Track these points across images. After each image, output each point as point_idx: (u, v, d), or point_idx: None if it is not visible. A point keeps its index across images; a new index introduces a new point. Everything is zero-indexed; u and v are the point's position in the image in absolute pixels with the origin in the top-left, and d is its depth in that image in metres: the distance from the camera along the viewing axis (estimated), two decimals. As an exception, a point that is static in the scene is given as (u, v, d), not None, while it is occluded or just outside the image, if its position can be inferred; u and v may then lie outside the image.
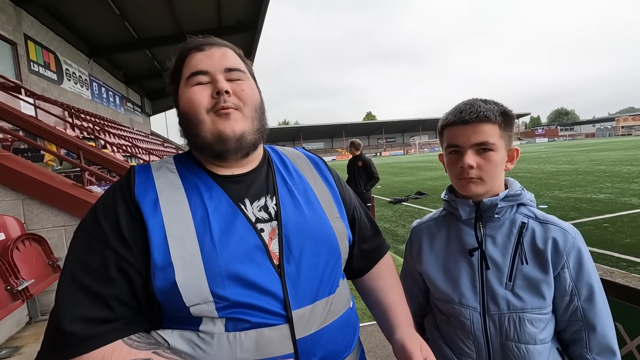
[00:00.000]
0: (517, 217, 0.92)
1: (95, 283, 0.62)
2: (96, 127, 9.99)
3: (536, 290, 0.86)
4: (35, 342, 2.64)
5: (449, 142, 0.93)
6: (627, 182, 9.83)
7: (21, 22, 10.56)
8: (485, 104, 0.90)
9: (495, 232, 0.92)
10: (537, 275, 0.86)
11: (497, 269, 0.89)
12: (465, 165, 0.88)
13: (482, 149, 0.88)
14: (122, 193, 0.69)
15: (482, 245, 0.92)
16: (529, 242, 0.89)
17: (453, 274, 0.95)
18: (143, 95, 23.25)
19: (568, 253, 0.86)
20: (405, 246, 1.14)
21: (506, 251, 0.90)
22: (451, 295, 0.94)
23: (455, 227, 0.98)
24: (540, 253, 0.87)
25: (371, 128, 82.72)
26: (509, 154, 0.93)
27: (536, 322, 0.86)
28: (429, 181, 14.58)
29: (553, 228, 0.88)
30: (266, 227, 0.72)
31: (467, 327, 0.91)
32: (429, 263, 1.00)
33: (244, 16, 14.07)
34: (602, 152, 23.52)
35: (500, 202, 0.89)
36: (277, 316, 0.66)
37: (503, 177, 0.95)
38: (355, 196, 0.99)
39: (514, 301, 0.86)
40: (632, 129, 79.69)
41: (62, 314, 0.59)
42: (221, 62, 0.74)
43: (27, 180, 3.19)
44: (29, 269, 2.71)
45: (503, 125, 0.89)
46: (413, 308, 1.12)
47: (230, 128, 0.71)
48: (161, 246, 0.64)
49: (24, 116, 5.05)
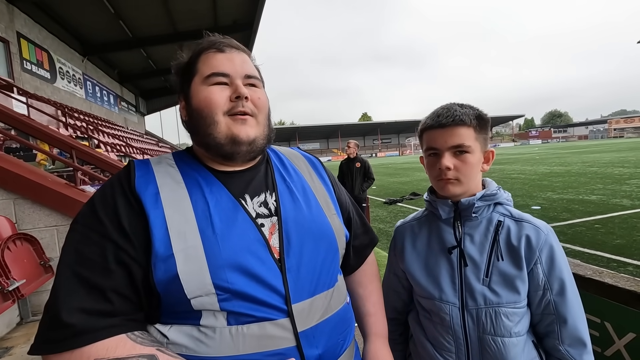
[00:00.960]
0: (494, 216, 0.96)
1: (93, 275, 0.61)
2: (90, 126, 9.90)
3: (511, 286, 0.90)
4: (26, 342, 2.61)
5: (428, 144, 0.97)
6: (619, 184, 9.95)
7: (14, 20, 10.44)
8: (462, 108, 0.93)
9: (473, 231, 0.96)
10: (511, 271, 0.90)
11: (475, 266, 0.93)
12: (443, 167, 0.92)
13: (458, 151, 0.92)
14: (122, 186, 0.69)
15: (461, 244, 0.96)
16: (504, 239, 0.93)
17: (434, 271, 0.98)
18: (137, 95, 23.10)
19: (540, 249, 0.90)
20: (390, 245, 1.17)
21: (483, 248, 0.93)
22: (432, 291, 0.97)
23: (436, 226, 1.02)
24: (514, 250, 0.91)
25: (367, 129, 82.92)
26: (485, 155, 0.97)
27: (511, 316, 0.90)
28: (423, 182, 14.62)
29: (527, 225, 0.92)
30: (266, 222, 0.74)
31: (446, 323, 0.95)
32: (411, 261, 1.04)
33: (240, 16, 14.05)
34: (594, 154, 23.78)
35: (478, 201, 0.93)
36: (278, 309, 0.67)
37: (480, 178, 0.99)
38: (348, 195, 1.01)
39: (490, 296, 0.90)
40: (623, 131, 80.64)
41: (60, 304, 0.58)
42: (242, 67, 0.77)
43: (18, 179, 3.16)
44: (20, 269, 2.68)
45: (478, 128, 0.93)
46: (397, 305, 1.15)
47: (245, 133, 0.73)
48: (163, 238, 0.64)
49: (16, 115, 5.00)
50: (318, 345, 0.70)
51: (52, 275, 3.07)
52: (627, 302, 1.26)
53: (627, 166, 14.49)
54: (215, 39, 0.79)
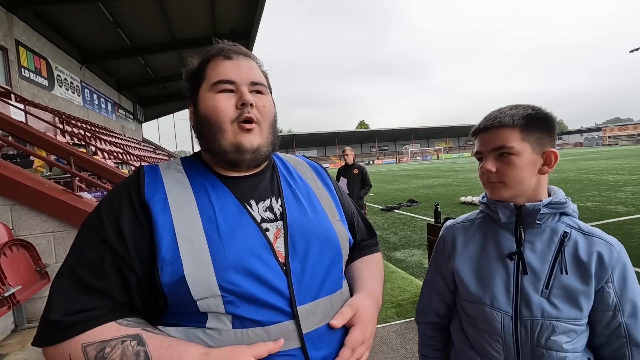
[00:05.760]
0: (559, 226, 0.90)
1: (89, 276, 0.65)
2: (87, 133, 9.90)
3: (573, 301, 0.85)
4: (21, 350, 2.58)
5: (476, 149, 0.96)
6: (614, 191, 10.02)
7: (13, 27, 10.49)
8: (511, 110, 0.90)
9: (535, 239, 0.90)
10: (576, 286, 0.85)
11: (534, 275, 0.88)
12: (484, 170, 0.91)
13: (501, 153, 0.89)
14: (129, 192, 0.72)
15: (521, 250, 0.90)
16: (571, 252, 0.87)
17: (486, 276, 0.93)
18: (135, 102, 23.13)
19: (613, 267, 0.85)
20: (436, 245, 1.12)
21: (545, 259, 0.88)
22: (482, 297, 0.92)
23: (493, 230, 0.97)
24: (583, 265, 0.85)
25: (364, 136, 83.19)
26: (545, 157, 0.90)
27: (569, 332, 0.85)
28: (420, 189, 14.68)
29: (598, 241, 0.87)
30: (271, 227, 0.75)
31: (496, 330, 0.90)
32: (461, 262, 0.99)
33: (238, 25, 14.18)
34: (589, 161, 23.94)
35: (543, 208, 0.88)
36: (283, 312, 0.68)
37: (543, 183, 0.93)
38: (352, 201, 1.03)
39: (549, 309, 0.85)
40: (618, 138, 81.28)
41: (54, 303, 0.63)
42: (248, 74, 0.78)
43: (15, 185, 3.15)
44: (16, 275, 2.66)
45: (525, 129, 0.88)
46: (439, 308, 1.10)
47: (249, 141, 0.75)
48: (170, 242, 0.66)
49: (14, 121, 5.00)
50: (322, 347, 0.71)
51: (48, 282, 3.04)
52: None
53: (622, 173, 14.61)
54: (223, 46, 0.80)
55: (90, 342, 0.60)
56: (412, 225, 7.76)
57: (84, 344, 0.60)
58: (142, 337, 0.61)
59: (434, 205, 4.00)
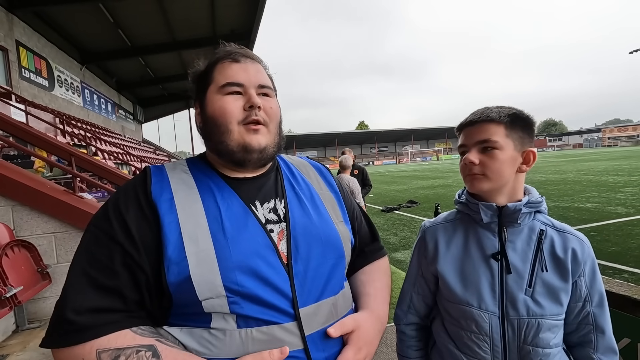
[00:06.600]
0: (535, 224, 0.93)
1: (100, 275, 0.65)
2: (87, 133, 9.90)
3: (555, 298, 0.88)
4: (22, 350, 2.58)
5: (460, 142, 0.98)
6: (613, 192, 10.02)
7: (13, 28, 10.49)
8: (497, 108, 0.93)
9: (515, 238, 0.93)
10: (556, 283, 0.88)
11: (518, 275, 0.90)
12: (467, 161, 0.92)
13: (485, 147, 0.91)
14: (136, 192, 0.72)
15: (504, 250, 0.92)
16: (549, 250, 0.91)
17: (471, 277, 0.94)
18: (135, 103, 23.12)
19: (585, 262, 0.89)
20: (415, 246, 1.12)
21: (526, 257, 0.91)
22: (469, 299, 0.93)
23: (474, 230, 0.98)
24: (560, 262, 0.89)
25: (364, 137, 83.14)
26: (523, 155, 0.93)
27: (553, 328, 0.88)
28: (420, 190, 14.67)
29: (571, 237, 0.91)
30: (275, 228, 0.76)
31: (484, 331, 0.91)
32: (445, 264, 0.99)
33: (238, 26, 14.18)
34: (589, 162, 23.94)
35: (524, 207, 0.90)
36: (286, 313, 0.69)
37: (521, 181, 0.95)
38: (355, 202, 1.03)
39: (534, 307, 0.88)
40: (617, 139, 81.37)
41: (67, 302, 0.63)
42: (256, 77, 0.80)
43: (17, 186, 3.16)
44: (18, 275, 2.67)
45: (510, 126, 0.91)
46: (420, 309, 1.10)
47: (256, 141, 0.76)
48: (176, 242, 0.67)
49: (14, 122, 5.00)
50: (325, 348, 0.71)
51: (49, 283, 3.05)
52: (622, 307, 1.28)
53: (622, 174, 14.61)
54: (231, 49, 0.81)
55: (105, 348, 0.60)
56: (412, 226, 7.75)
57: (99, 349, 0.60)
58: (157, 348, 0.61)
59: (434, 206, 4.01)
